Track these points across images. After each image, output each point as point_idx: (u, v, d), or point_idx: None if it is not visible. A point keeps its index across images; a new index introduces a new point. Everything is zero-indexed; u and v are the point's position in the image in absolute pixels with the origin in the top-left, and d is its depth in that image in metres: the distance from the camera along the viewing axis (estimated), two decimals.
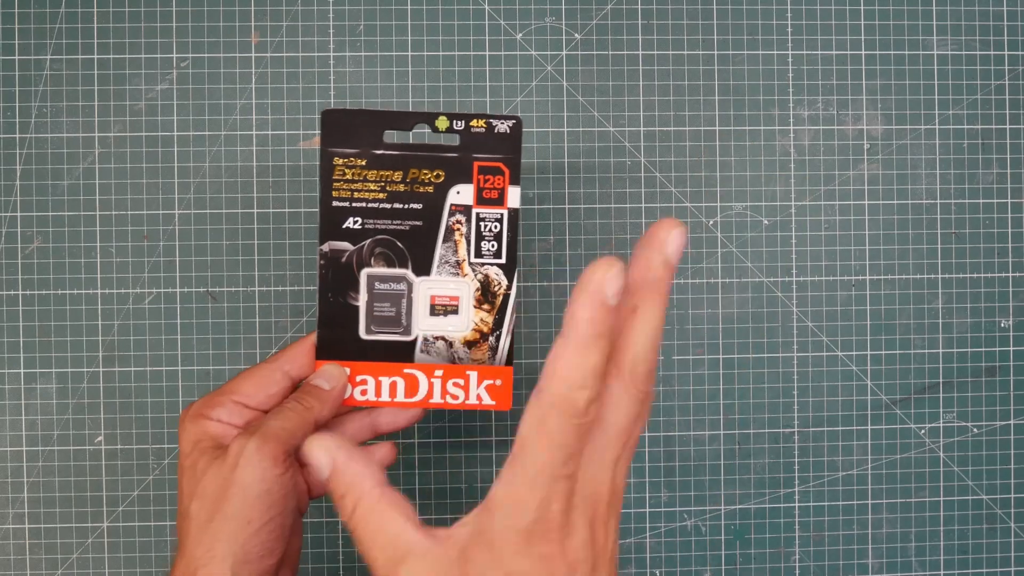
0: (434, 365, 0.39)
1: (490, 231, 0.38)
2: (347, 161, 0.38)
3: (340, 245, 0.38)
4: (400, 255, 0.39)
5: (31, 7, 0.48)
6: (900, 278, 0.50)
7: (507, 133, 0.38)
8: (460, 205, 0.38)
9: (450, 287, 0.39)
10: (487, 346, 0.39)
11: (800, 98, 0.50)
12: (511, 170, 0.38)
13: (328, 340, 0.38)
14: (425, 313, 0.39)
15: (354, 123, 0.38)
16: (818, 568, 0.50)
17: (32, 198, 0.48)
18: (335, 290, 0.39)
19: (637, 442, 0.30)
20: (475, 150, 0.38)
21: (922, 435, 0.50)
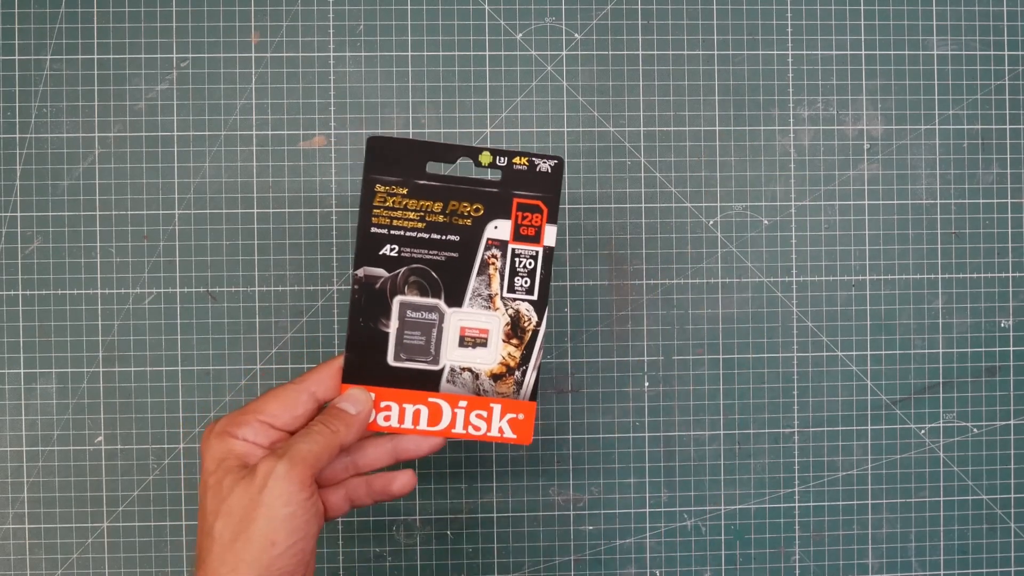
0: (459, 396, 0.39)
1: (524, 267, 0.39)
2: (389, 189, 0.38)
3: (375, 271, 0.39)
4: (434, 285, 0.39)
5: (31, 7, 0.48)
6: (900, 278, 0.50)
7: (548, 172, 0.39)
8: (497, 240, 0.39)
9: (481, 320, 0.39)
10: (513, 380, 0.39)
11: (800, 98, 0.50)
12: (549, 208, 0.39)
13: (356, 364, 0.39)
14: (454, 344, 0.39)
15: (399, 151, 0.38)
16: (818, 568, 0.50)
17: (32, 198, 0.48)
18: (367, 315, 0.39)
19: None
20: (515, 187, 0.39)
21: (922, 435, 0.50)
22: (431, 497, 0.49)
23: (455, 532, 0.49)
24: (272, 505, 0.33)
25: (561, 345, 0.49)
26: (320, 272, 0.48)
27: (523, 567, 0.49)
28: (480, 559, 0.49)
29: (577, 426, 0.49)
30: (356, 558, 0.49)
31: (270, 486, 0.33)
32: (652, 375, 0.49)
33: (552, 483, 0.49)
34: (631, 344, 0.49)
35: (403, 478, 0.39)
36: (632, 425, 0.49)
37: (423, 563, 0.49)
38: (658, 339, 0.49)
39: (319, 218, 0.48)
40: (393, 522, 0.49)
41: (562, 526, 0.49)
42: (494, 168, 0.38)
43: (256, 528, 0.33)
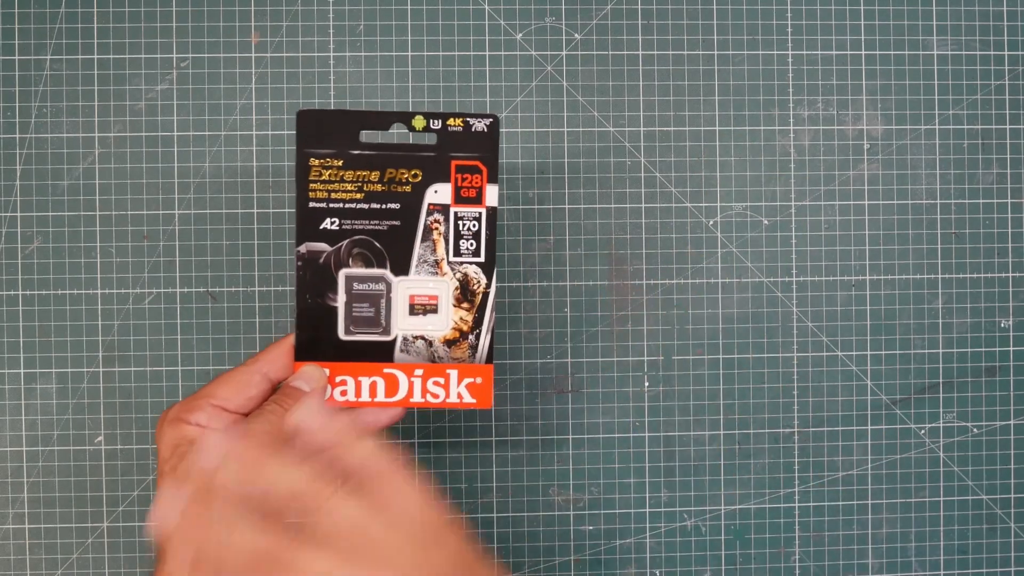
0: (414, 364, 0.39)
1: (468, 230, 0.38)
2: (323, 162, 0.38)
3: (317, 246, 0.38)
4: (378, 255, 0.38)
5: (31, 7, 0.48)
6: (900, 278, 0.50)
7: (484, 131, 0.38)
8: (438, 204, 0.38)
9: (429, 286, 0.39)
10: (467, 344, 0.39)
11: (800, 98, 0.50)
12: (489, 168, 0.38)
13: (307, 342, 0.38)
14: (404, 313, 0.39)
15: (330, 123, 0.38)
16: (818, 568, 0.50)
17: (32, 198, 0.48)
18: (313, 291, 0.38)
19: None
20: (452, 149, 0.38)
21: (922, 435, 0.50)
22: None
23: None
24: None
25: (561, 345, 0.49)
26: None
27: (523, 567, 0.49)
28: None
29: (577, 426, 0.49)
30: None
31: None
32: (652, 375, 0.49)
33: (552, 483, 0.49)
34: (631, 344, 0.49)
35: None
36: (632, 425, 0.49)
37: None
38: (658, 339, 0.49)
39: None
40: None
41: (562, 526, 0.49)
42: (429, 132, 0.38)
43: (215, 512, 0.32)
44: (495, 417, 0.49)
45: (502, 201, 0.48)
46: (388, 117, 0.38)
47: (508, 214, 0.49)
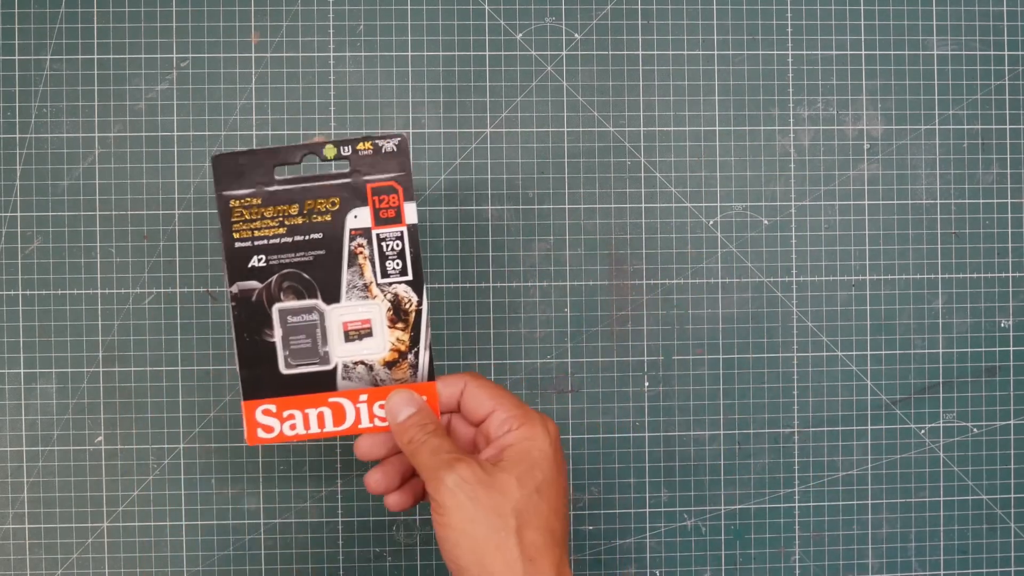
0: (358, 390, 0.39)
1: (392, 250, 0.39)
2: (243, 202, 0.38)
3: (248, 284, 0.38)
4: (308, 286, 0.39)
5: (31, 7, 0.48)
6: (900, 278, 0.50)
7: (394, 151, 0.38)
8: (359, 229, 0.39)
9: (361, 311, 0.39)
10: (407, 364, 0.39)
11: (800, 98, 0.50)
12: (404, 187, 0.39)
13: (251, 379, 0.38)
14: (340, 340, 0.39)
15: (244, 164, 0.38)
16: (818, 568, 0.50)
17: (32, 198, 0.48)
18: (250, 329, 0.39)
19: None
20: (366, 172, 0.38)
21: (922, 435, 0.50)
22: None
23: None
24: None
25: (561, 345, 0.49)
26: None
27: None
28: None
29: (577, 426, 0.49)
30: (356, 558, 0.49)
31: None
32: (652, 375, 0.49)
33: None
34: (631, 344, 0.49)
35: None
36: (632, 425, 0.49)
37: (423, 563, 0.49)
38: (658, 339, 0.49)
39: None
40: (393, 522, 0.49)
41: None
42: (340, 159, 0.38)
43: None
44: None
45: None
46: (298, 151, 0.38)
47: (508, 214, 0.49)
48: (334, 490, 0.48)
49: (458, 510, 0.34)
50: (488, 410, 0.38)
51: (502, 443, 0.37)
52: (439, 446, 0.36)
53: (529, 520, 0.34)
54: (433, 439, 0.36)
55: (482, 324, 0.49)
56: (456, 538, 0.34)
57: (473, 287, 0.49)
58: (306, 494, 0.48)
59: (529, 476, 0.35)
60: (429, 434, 0.36)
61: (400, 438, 0.37)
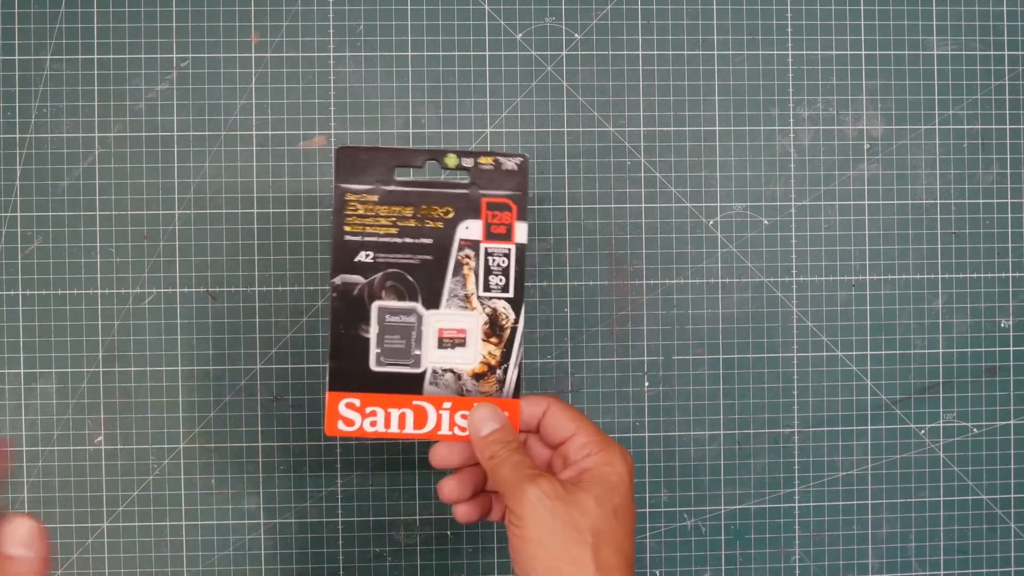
0: (443, 397, 0.39)
1: (498, 266, 0.39)
2: (359, 197, 0.39)
3: (352, 278, 0.39)
4: (410, 288, 0.39)
5: (31, 7, 0.48)
6: (900, 278, 0.50)
7: (515, 170, 0.39)
8: (469, 240, 0.39)
9: (459, 320, 0.39)
10: (495, 379, 0.40)
11: (800, 98, 0.50)
12: (518, 206, 0.39)
13: (339, 371, 0.39)
14: (434, 345, 0.39)
15: (366, 160, 0.39)
16: (818, 568, 0.50)
17: (32, 198, 0.48)
18: (347, 322, 0.39)
19: None
20: (484, 186, 0.39)
21: (922, 435, 0.50)
22: (431, 497, 0.49)
23: (455, 532, 0.49)
24: None
25: (561, 345, 0.49)
26: (320, 272, 0.48)
27: None
28: (480, 559, 0.49)
29: None
30: (356, 558, 0.49)
31: None
32: (652, 375, 0.49)
33: None
34: (631, 344, 0.49)
35: None
36: (632, 425, 0.49)
37: (423, 563, 0.49)
38: (658, 339, 0.49)
39: (319, 218, 0.48)
40: (393, 522, 0.49)
41: None
42: (461, 170, 0.39)
43: None
44: None
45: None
46: (421, 155, 0.39)
47: None
48: (334, 490, 0.48)
49: (538, 523, 0.35)
50: (569, 433, 0.39)
51: (581, 466, 0.38)
52: (521, 462, 0.37)
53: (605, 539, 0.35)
54: (515, 455, 0.37)
55: None
56: (533, 550, 0.35)
57: None
58: (306, 494, 0.48)
59: (607, 498, 0.36)
60: (511, 451, 0.37)
61: (482, 452, 0.38)
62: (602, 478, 0.37)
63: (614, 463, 0.37)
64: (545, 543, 0.35)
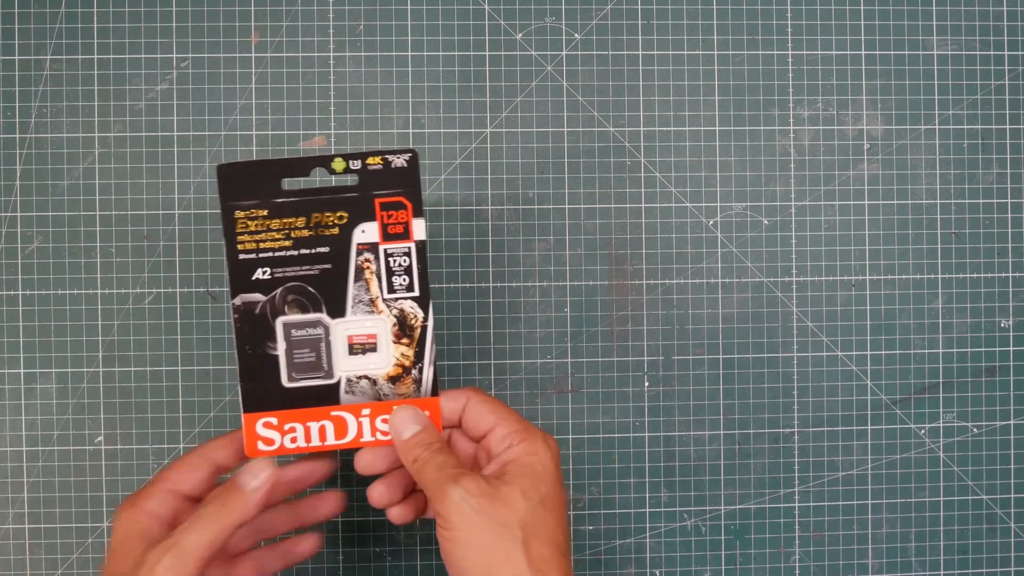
0: (361, 404, 0.39)
1: (400, 266, 0.39)
2: (248, 213, 0.38)
3: (252, 297, 0.38)
4: (313, 300, 0.38)
5: (31, 7, 0.48)
6: (900, 278, 0.50)
7: (404, 167, 0.38)
8: (367, 243, 0.38)
9: (366, 325, 0.39)
10: (411, 379, 0.39)
11: (800, 98, 0.50)
12: (413, 203, 0.38)
13: (252, 392, 0.38)
14: (345, 354, 0.39)
15: (251, 174, 0.38)
16: (818, 568, 0.50)
17: (32, 198, 0.48)
18: (252, 342, 0.38)
19: None
20: (375, 187, 0.38)
21: (922, 435, 0.50)
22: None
23: None
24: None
25: (561, 345, 0.49)
26: None
27: None
28: None
29: (577, 426, 0.49)
30: (356, 558, 0.49)
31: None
32: (652, 375, 0.49)
33: None
34: (631, 344, 0.49)
35: (308, 541, 0.40)
36: (632, 425, 0.49)
37: (423, 563, 0.49)
38: (658, 339, 0.49)
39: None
40: None
41: None
42: (349, 173, 0.38)
43: None
44: None
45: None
46: (307, 163, 0.38)
47: (508, 214, 0.49)
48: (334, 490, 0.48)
49: (464, 524, 0.34)
50: (490, 425, 0.38)
51: (504, 458, 0.37)
52: (444, 462, 0.36)
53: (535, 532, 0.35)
54: (438, 456, 0.36)
55: (482, 324, 0.49)
56: (463, 552, 0.34)
57: (473, 287, 0.49)
58: (305, 494, 0.48)
59: (533, 489, 0.35)
60: (434, 452, 0.36)
61: (405, 457, 0.37)
62: (526, 469, 0.36)
63: (537, 452, 0.36)
64: (475, 543, 0.34)
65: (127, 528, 0.35)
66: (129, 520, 0.35)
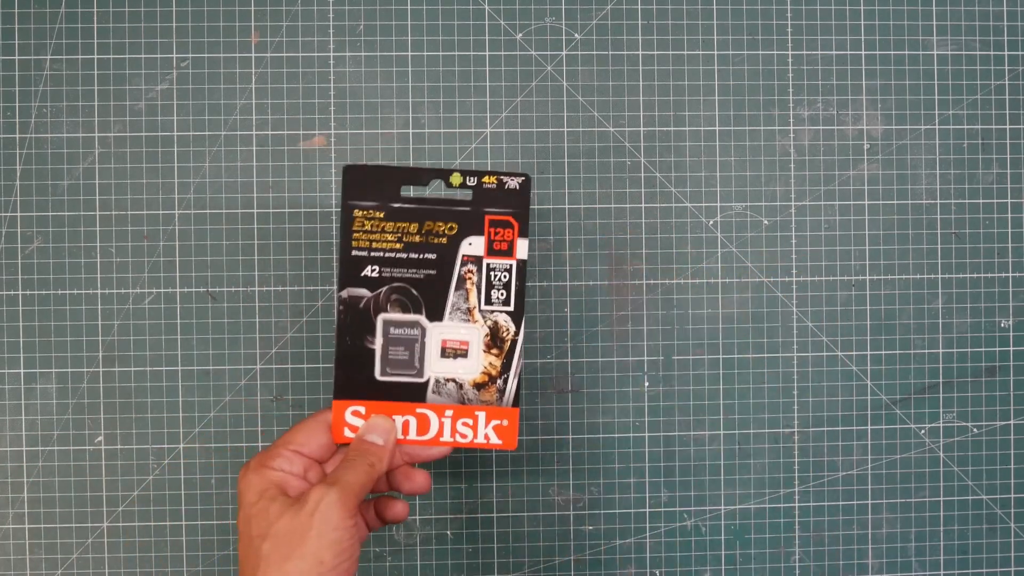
0: (445, 405, 0.41)
1: (499, 280, 0.41)
2: (366, 213, 0.40)
3: (358, 292, 0.40)
4: (415, 302, 0.41)
5: (31, 7, 0.48)
6: (900, 278, 0.50)
7: (516, 189, 0.40)
8: (472, 256, 0.41)
9: (461, 332, 0.41)
10: (495, 388, 0.41)
11: (800, 98, 0.50)
12: (520, 223, 0.41)
13: (345, 381, 0.40)
14: (437, 356, 0.41)
15: (374, 178, 0.40)
16: (818, 568, 0.50)
17: (32, 198, 0.48)
18: (352, 334, 0.41)
19: None
20: (487, 204, 0.41)
21: (922, 435, 0.50)
22: (431, 497, 0.49)
23: (455, 532, 0.49)
24: (322, 528, 0.36)
25: (561, 345, 0.49)
26: (320, 272, 0.48)
27: (523, 567, 0.49)
28: (480, 559, 0.49)
29: (577, 426, 0.49)
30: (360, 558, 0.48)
31: (321, 510, 0.36)
32: (652, 375, 0.49)
33: (552, 483, 0.49)
34: (631, 344, 0.49)
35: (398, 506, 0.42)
36: (632, 425, 0.49)
37: (423, 563, 0.49)
38: (658, 339, 0.49)
39: (319, 218, 0.48)
40: None
41: (562, 526, 0.49)
42: (465, 188, 0.40)
43: (307, 548, 0.35)
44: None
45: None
46: (427, 174, 0.41)
47: None
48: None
49: None
50: None
51: None
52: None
53: None
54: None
55: None
56: None
57: None
58: None
59: None
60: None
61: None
62: None
63: None
64: None
65: (261, 485, 0.37)
66: (262, 478, 0.37)
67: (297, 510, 0.36)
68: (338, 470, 0.38)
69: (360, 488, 0.37)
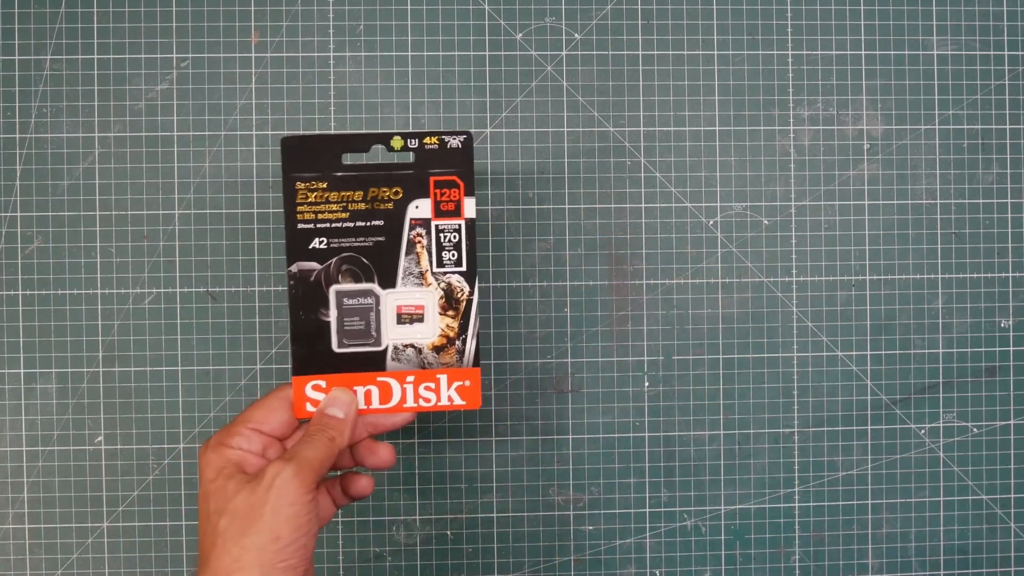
0: (406, 372, 0.41)
1: (449, 241, 0.41)
2: (309, 185, 0.40)
3: (308, 265, 0.40)
4: (366, 270, 0.40)
5: (31, 7, 0.48)
6: (900, 278, 0.50)
7: (459, 148, 0.40)
8: (419, 219, 0.40)
9: (415, 297, 0.41)
10: (454, 350, 0.41)
11: (800, 98, 0.50)
12: (465, 183, 0.40)
13: (303, 356, 0.40)
14: (393, 323, 0.41)
15: (312, 148, 0.40)
16: (818, 568, 0.50)
17: (32, 198, 0.48)
18: (306, 308, 0.40)
19: None
20: (430, 166, 0.40)
21: (922, 435, 0.50)
22: (431, 497, 0.49)
23: (455, 532, 0.49)
24: (278, 504, 0.35)
25: (561, 345, 0.49)
26: None
27: (523, 567, 0.49)
28: (480, 559, 0.49)
29: (577, 426, 0.49)
30: (356, 558, 0.49)
31: (277, 486, 0.35)
32: (652, 375, 0.49)
33: (552, 483, 0.49)
34: (631, 344, 0.49)
35: (363, 481, 0.42)
36: (632, 425, 0.49)
37: (423, 563, 0.49)
38: (658, 339, 0.49)
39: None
40: (393, 522, 0.49)
41: (562, 526, 0.49)
42: (407, 151, 0.40)
43: (263, 523, 0.35)
44: (495, 417, 0.49)
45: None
46: (367, 139, 0.40)
47: (508, 214, 0.49)
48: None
49: None
50: None
51: None
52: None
53: None
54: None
55: (482, 324, 0.49)
56: None
57: None
58: None
59: None
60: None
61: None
62: None
63: None
64: None
65: (219, 463, 0.37)
66: (220, 456, 0.37)
67: (254, 486, 0.36)
68: (297, 446, 0.38)
69: (319, 463, 0.37)
